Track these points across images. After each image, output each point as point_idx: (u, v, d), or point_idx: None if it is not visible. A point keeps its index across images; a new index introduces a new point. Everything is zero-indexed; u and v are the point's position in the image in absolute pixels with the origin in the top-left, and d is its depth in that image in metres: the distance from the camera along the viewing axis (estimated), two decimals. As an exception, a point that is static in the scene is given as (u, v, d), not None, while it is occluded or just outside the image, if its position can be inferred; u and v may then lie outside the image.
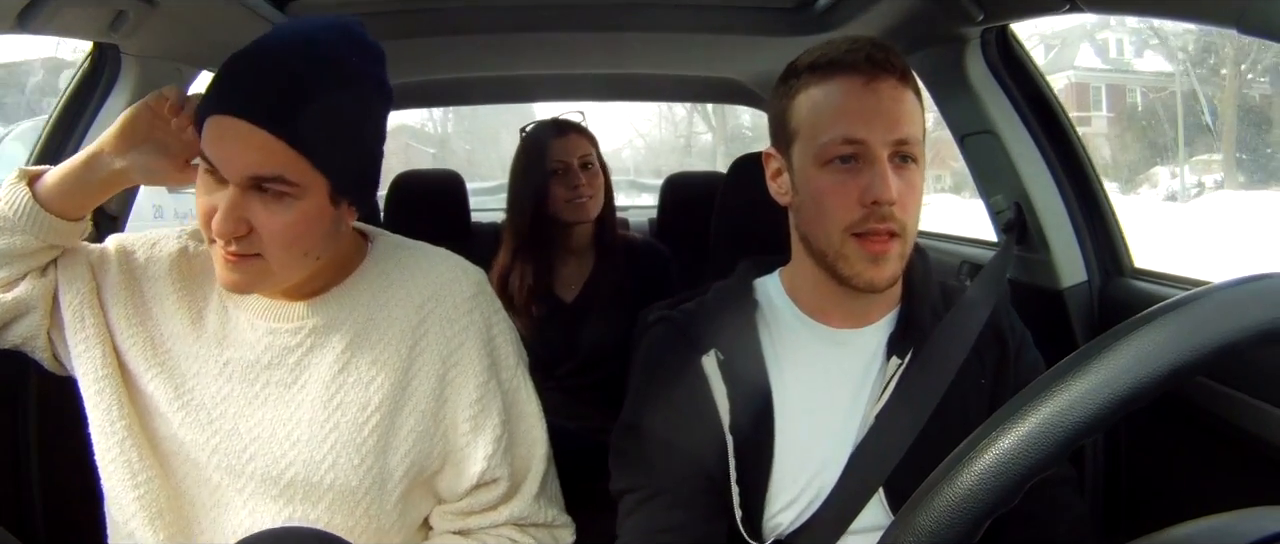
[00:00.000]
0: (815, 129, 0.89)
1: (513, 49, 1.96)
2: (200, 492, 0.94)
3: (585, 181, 1.77)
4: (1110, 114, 15.09)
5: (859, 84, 0.87)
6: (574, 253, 1.84)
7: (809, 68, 0.91)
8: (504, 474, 0.95)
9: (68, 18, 1.21)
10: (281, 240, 0.85)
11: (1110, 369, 0.42)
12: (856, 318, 0.95)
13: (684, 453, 0.91)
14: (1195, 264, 1.88)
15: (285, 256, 0.86)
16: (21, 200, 0.91)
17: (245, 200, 0.83)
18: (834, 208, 0.88)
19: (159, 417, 0.94)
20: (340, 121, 0.86)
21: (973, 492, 0.42)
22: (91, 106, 1.39)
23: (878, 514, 0.89)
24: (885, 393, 0.91)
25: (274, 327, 0.94)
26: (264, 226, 0.84)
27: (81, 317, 0.94)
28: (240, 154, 0.82)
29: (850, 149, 0.87)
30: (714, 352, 0.93)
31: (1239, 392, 1.07)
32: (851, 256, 0.88)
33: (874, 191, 0.85)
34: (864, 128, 0.86)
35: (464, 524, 0.97)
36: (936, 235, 2.11)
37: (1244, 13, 0.81)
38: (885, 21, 1.54)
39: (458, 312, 0.95)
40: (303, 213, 0.85)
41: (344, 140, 0.87)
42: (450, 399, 0.94)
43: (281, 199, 0.84)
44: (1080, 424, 0.41)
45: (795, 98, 0.92)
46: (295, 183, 0.83)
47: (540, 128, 1.85)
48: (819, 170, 0.89)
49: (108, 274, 0.96)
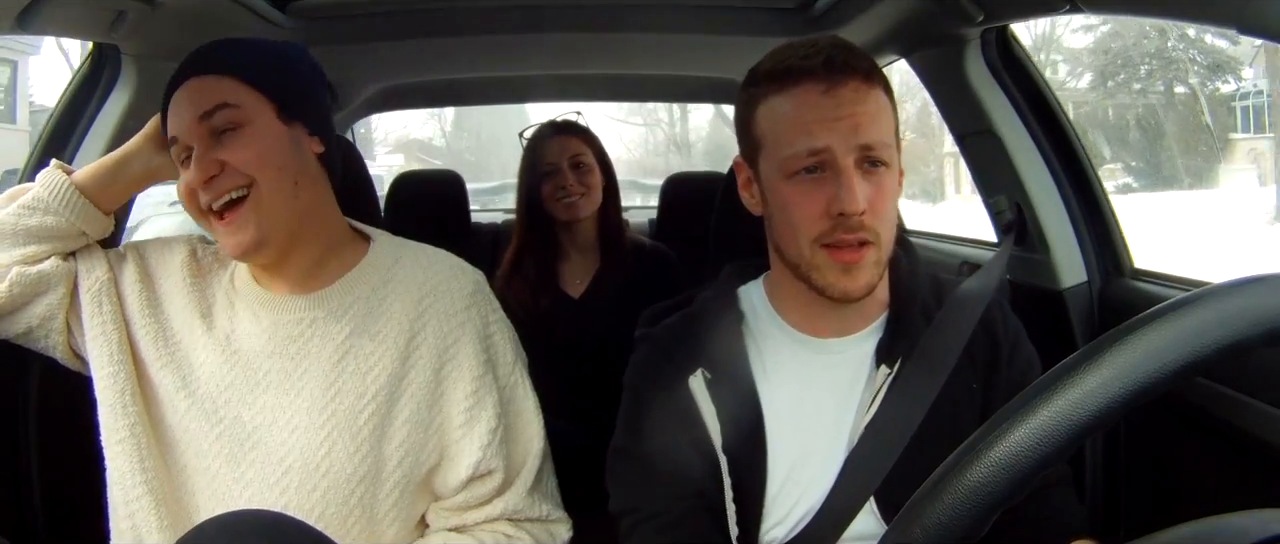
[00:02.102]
0: (778, 141, 0.87)
1: (513, 49, 1.96)
2: (199, 481, 0.95)
3: (574, 181, 1.79)
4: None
5: (818, 92, 0.84)
6: (579, 249, 1.86)
7: (767, 76, 0.88)
8: (498, 466, 0.97)
9: (68, 18, 1.21)
10: (255, 161, 0.92)
11: (1122, 364, 0.42)
12: (842, 326, 0.93)
13: (677, 475, 0.90)
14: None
15: (268, 178, 0.92)
16: (60, 184, 0.99)
17: (207, 151, 0.92)
18: (801, 220, 0.85)
19: (166, 405, 0.97)
20: (263, 48, 1.00)
21: (983, 484, 0.42)
22: (91, 107, 1.39)
23: (869, 522, 0.87)
24: (874, 403, 0.89)
25: (277, 318, 0.97)
26: (231, 158, 0.92)
27: (99, 302, 0.99)
28: (189, 106, 0.94)
29: (814, 160, 0.84)
30: (701, 371, 0.91)
31: (1239, 392, 1.07)
32: (823, 267, 0.86)
33: (840, 203, 0.83)
34: (825, 137, 0.83)
35: (460, 520, 0.99)
36: (937, 235, 2.11)
37: (1244, 13, 0.81)
38: (885, 22, 1.54)
39: (455, 308, 0.98)
40: (258, 133, 0.93)
41: (271, 63, 0.98)
42: (446, 393, 0.97)
43: (236, 131, 0.93)
44: (1093, 417, 0.41)
45: (756, 108, 0.89)
46: (237, 105, 0.93)
47: (537, 130, 1.89)
48: (785, 182, 0.86)
49: (124, 269, 1.02)
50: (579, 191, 1.79)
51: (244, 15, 1.42)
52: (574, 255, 1.86)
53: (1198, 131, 15.21)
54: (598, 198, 1.82)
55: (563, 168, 1.80)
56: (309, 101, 1.00)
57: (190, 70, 0.96)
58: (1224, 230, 8.77)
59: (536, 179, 1.81)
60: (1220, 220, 9.41)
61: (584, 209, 1.80)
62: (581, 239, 1.85)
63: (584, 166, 1.81)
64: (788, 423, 0.90)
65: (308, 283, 0.98)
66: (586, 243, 1.86)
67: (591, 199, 1.81)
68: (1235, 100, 17.75)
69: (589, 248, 1.86)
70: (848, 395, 0.91)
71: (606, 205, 1.85)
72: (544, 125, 1.88)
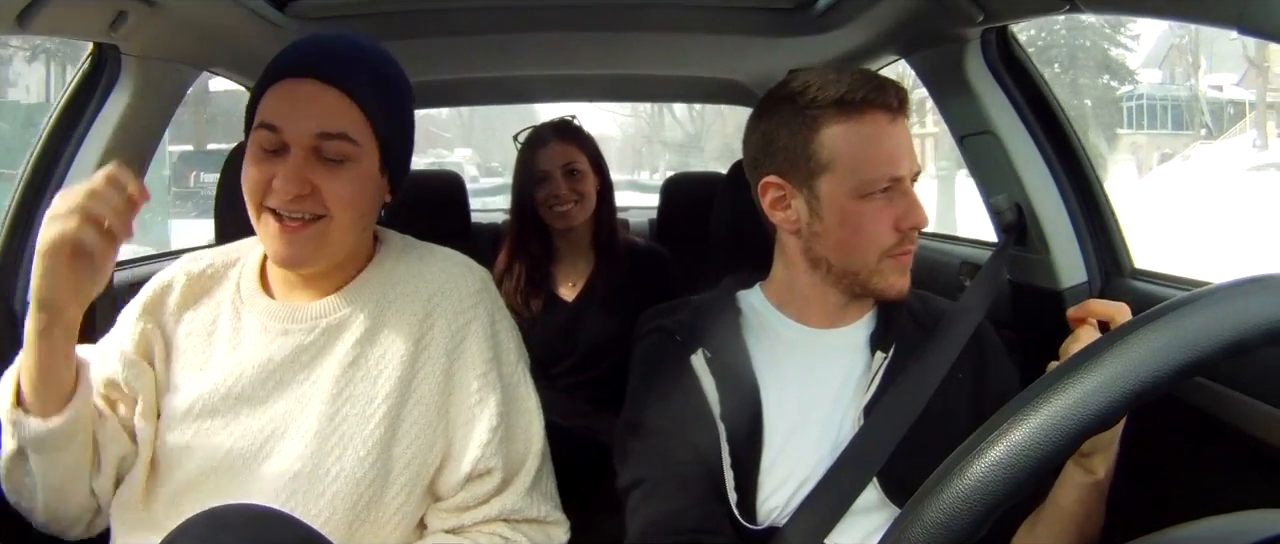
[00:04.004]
0: (855, 165, 0.95)
1: (513, 49, 1.96)
2: (207, 492, 0.93)
3: (567, 189, 1.78)
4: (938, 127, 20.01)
5: (887, 122, 0.95)
6: (573, 253, 1.86)
7: (835, 103, 0.95)
8: (497, 465, 0.97)
9: (68, 18, 1.21)
10: (344, 200, 0.90)
11: (1125, 362, 0.42)
12: (836, 319, 1.03)
13: (682, 443, 0.97)
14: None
15: (346, 218, 0.91)
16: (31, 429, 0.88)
17: (306, 165, 0.89)
18: (874, 233, 0.96)
19: (176, 422, 0.95)
20: (392, 91, 0.95)
21: (983, 482, 0.42)
22: (91, 107, 1.39)
23: (871, 496, 0.94)
24: (872, 385, 0.97)
25: (288, 327, 0.96)
26: (325, 187, 0.89)
27: (137, 376, 0.96)
28: (309, 113, 0.89)
29: (891, 183, 0.95)
30: (702, 350, 1.00)
31: (1239, 392, 1.07)
32: (887, 272, 0.97)
33: (913, 219, 0.96)
34: (903, 164, 0.96)
35: (458, 522, 0.98)
36: (936, 236, 2.11)
37: (1244, 13, 0.81)
38: (885, 22, 1.54)
39: (463, 305, 0.98)
40: (360, 176, 0.92)
41: (394, 110, 0.95)
42: (453, 391, 0.97)
43: (341, 163, 0.90)
44: (1094, 416, 0.41)
45: (820, 131, 0.95)
46: (356, 142, 0.90)
47: (530, 134, 1.87)
48: (858, 202, 0.95)
49: (135, 337, 0.98)
50: (572, 199, 1.78)
51: (244, 16, 1.42)
52: (568, 257, 1.86)
53: (1087, 127, 17.37)
54: (591, 203, 1.82)
55: (556, 175, 1.78)
56: (405, 154, 0.99)
57: (317, 72, 0.90)
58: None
59: (530, 184, 1.81)
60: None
61: (577, 216, 1.79)
62: (575, 241, 1.85)
63: (578, 173, 1.80)
64: (783, 397, 0.98)
65: (323, 289, 0.98)
66: (581, 245, 1.85)
67: (585, 206, 1.80)
68: (1124, 101, 21.08)
69: (583, 250, 1.86)
70: (844, 378, 1.00)
71: (600, 208, 1.84)
72: (538, 129, 1.87)
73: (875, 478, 0.94)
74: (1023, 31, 1.71)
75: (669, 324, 1.05)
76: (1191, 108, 21.42)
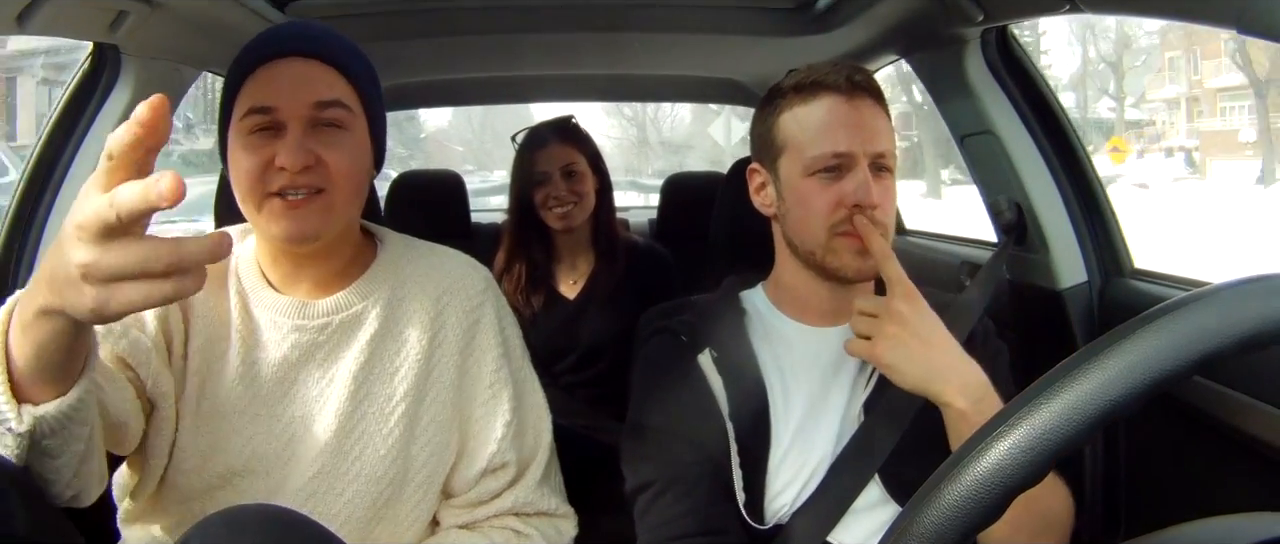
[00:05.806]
0: (803, 143, 0.98)
1: (512, 49, 1.96)
2: (227, 494, 0.93)
3: (566, 190, 1.77)
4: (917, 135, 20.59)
5: (842, 101, 0.97)
6: (574, 252, 1.86)
7: (793, 88, 0.99)
8: (511, 459, 0.98)
9: (68, 18, 1.21)
10: (346, 170, 0.90)
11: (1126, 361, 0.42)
12: (834, 317, 1.02)
13: (690, 443, 0.97)
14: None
15: (346, 189, 0.91)
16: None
17: (307, 139, 0.89)
18: (820, 209, 0.96)
19: (192, 425, 0.93)
20: (367, 62, 0.97)
21: (1001, 467, 0.42)
22: (91, 107, 1.39)
23: (873, 493, 0.94)
24: (871, 382, 0.98)
25: (299, 323, 0.94)
26: (328, 157, 0.89)
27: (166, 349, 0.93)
28: (303, 86, 0.90)
29: (837, 161, 0.96)
30: (709, 350, 1.01)
31: (1239, 392, 1.07)
32: (839, 250, 0.97)
33: (857, 195, 0.95)
34: (848, 141, 0.95)
35: (470, 517, 0.99)
36: (936, 236, 2.11)
37: (1244, 13, 0.82)
38: (885, 22, 1.54)
39: (472, 303, 0.99)
40: (356, 145, 0.92)
41: (374, 79, 0.97)
42: (467, 388, 0.98)
43: (338, 133, 0.90)
44: (1112, 403, 0.41)
45: (780, 116, 1.00)
46: (348, 107, 0.91)
47: (528, 134, 1.87)
48: (806, 178, 0.97)
49: (152, 326, 0.93)
50: (571, 200, 1.77)
51: (244, 15, 1.41)
52: (568, 256, 1.86)
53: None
54: (590, 204, 1.81)
55: (554, 176, 1.78)
56: (384, 126, 1.00)
57: (300, 48, 0.91)
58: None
59: (528, 185, 1.80)
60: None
61: (577, 217, 1.79)
62: (576, 240, 1.85)
63: (576, 174, 1.79)
64: (789, 395, 0.99)
65: (329, 285, 0.96)
66: (580, 244, 1.85)
67: (583, 207, 1.80)
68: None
69: (583, 249, 1.86)
70: (847, 374, 1.00)
71: (600, 207, 1.83)
72: (536, 129, 1.86)
73: (877, 476, 0.94)
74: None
75: (674, 325, 1.05)
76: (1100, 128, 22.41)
